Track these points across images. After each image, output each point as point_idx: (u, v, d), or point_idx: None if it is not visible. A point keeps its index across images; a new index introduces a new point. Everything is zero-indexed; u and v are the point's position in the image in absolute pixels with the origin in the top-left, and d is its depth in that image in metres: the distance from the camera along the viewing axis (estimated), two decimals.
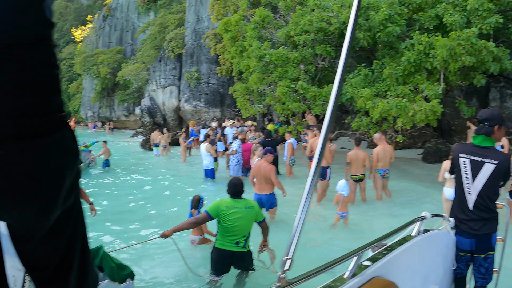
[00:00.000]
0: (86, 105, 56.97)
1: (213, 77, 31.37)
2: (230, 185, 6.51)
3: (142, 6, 49.15)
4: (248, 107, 19.88)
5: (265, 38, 18.36)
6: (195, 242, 8.38)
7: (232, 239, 6.23)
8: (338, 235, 9.46)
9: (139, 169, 20.49)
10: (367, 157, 11.31)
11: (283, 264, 2.01)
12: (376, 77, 14.80)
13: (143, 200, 13.80)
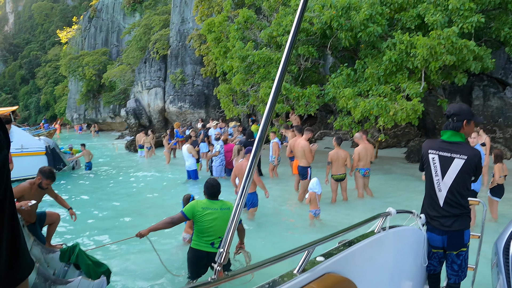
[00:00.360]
0: (72, 107, 56.92)
1: (197, 78, 31.30)
2: (207, 186, 6.43)
3: (127, 7, 49.05)
4: (232, 108, 19.79)
5: (249, 39, 18.31)
6: (186, 239, 8.39)
7: (207, 240, 6.18)
8: (314, 235, 9.42)
9: (122, 171, 20.37)
10: (348, 157, 11.29)
11: (218, 257, 1.98)
12: (359, 76, 14.79)
13: (124, 201, 13.79)
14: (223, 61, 19.56)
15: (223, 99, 20.42)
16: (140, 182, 17.02)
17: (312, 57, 16.28)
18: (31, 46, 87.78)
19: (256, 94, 17.53)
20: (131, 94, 40.04)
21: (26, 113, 76.77)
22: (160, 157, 23.71)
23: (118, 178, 18.46)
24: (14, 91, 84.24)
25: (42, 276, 4.82)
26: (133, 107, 37.05)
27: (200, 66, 30.26)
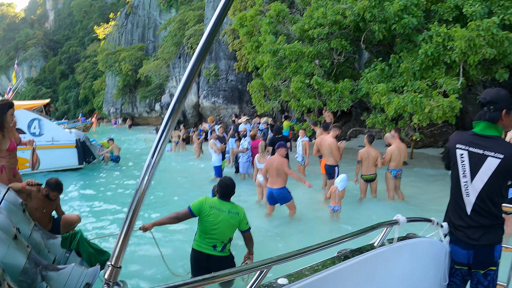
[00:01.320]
0: (109, 101, 58.11)
1: (231, 73, 30.93)
2: (221, 185, 5.99)
3: (163, 3, 49.26)
4: (263, 103, 19.37)
5: (281, 32, 17.82)
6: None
7: (209, 242, 5.79)
8: (329, 234, 9.00)
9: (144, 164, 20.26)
10: (379, 156, 10.61)
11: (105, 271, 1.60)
12: (393, 71, 14.12)
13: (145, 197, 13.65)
14: (255, 56, 19.12)
15: (254, 94, 20.04)
16: (163, 176, 16.94)
17: (345, 51, 15.72)
18: (71, 42, 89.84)
19: (287, 89, 17.07)
20: (166, 89, 40.13)
21: (65, 107, 78.91)
22: (189, 151, 23.84)
23: (138, 171, 18.48)
24: (54, 85, 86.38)
25: (33, 261, 4.68)
26: (168, 102, 37.19)
27: (233, 61, 29.89)
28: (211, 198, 6.00)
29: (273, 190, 9.70)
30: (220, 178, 6.20)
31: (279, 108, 20.89)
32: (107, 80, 58.89)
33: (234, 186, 6.04)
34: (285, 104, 20.80)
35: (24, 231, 5.28)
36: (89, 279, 4.77)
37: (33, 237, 5.51)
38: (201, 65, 1.20)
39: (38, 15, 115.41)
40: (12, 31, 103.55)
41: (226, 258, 5.92)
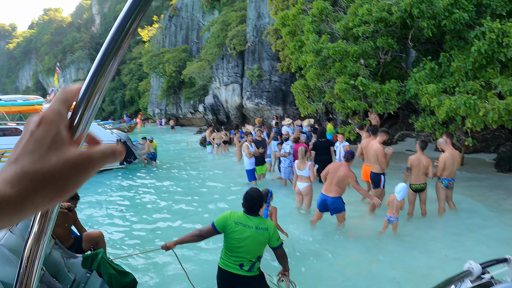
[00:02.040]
0: (153, 102, 58.91)
1: (275, 74, 30.40)
2: (246, 198, 5.38)
3: (206, 5, 49.35)
4: (307, 105, 18.78)
5: (324, 31, 17.19)
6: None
7: (235, 260, 5.22)
8: (383, 247, 8.42)
9: (188, 166, 20.95)
10: (431, 164, 9.80)
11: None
12: (444, 71, 13.35)
13: (177, 197, 14.01)
14: (298, 56, 18.54)
15: (298, 96, 19.45)
16: (200, 179, 16.86)
17: (391, 50, 15.02)
18: None
19: (331, 90, 16.47)
20: (210, 90, 40.02)
21: (112, 108, 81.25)
22: (231, 153, 23.50)
23: (180, 174, 18.78)
24: None
25: (46, 284, 4.48)
26: (211, 103, 37.06)
27: (277, 61, 29.38)
28: (236, 212, 5.38)
29: (327, 198, 9.24)
30: (246, 191, 5.55)
31: (323, 110, 20.27)
32: (152, 82, 59.72)
33: (261, 198, 5.43)
34: (330, 106, 20.18)
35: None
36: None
37: (52, 256, 5.39)
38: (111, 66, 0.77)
39: (84, 19, 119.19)
40: (59, 35, 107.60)
41: (255, 278, 5.33)
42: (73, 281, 5.48)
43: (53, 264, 5.39)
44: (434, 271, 7.13)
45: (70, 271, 5.57)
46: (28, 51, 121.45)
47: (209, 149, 24.99)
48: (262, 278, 5.47)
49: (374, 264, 7.65)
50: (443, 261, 7.50)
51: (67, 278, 5.44)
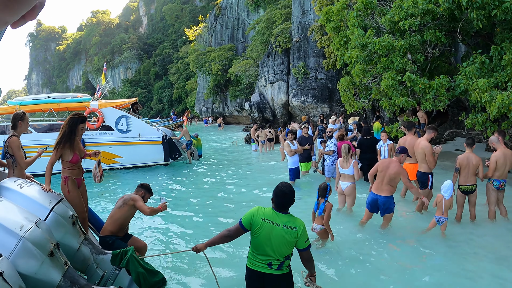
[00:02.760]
0: (200, 100, 60.20)
1: (320, 71, 29.99)
2: (277, 193, 5.01)
3: (251, 4, 49.69)
4: (353, 102, 18.35)
5: (370, 26, 16.73)
6: (316, 230, 8.13)
7: (263, 259, 4.92)
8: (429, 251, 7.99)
9: (232, 164, 21.06)
10: (481, 164, 9.14)
11: None
12: (495, 65, 12.72)
13: (218, 193, 14.00)
14: (343, 52, 18.13)
15: (344, 93, 19.03)
16: (242, 176, 16.87)
17: (440, 43, 14.47)
18: (164, 45, 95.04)
19: (378, 87, 16.03)
20: (256, 88, 40.02)
21: (159, 106, 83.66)
22: (276, 152, 23.41)
23: (223, 171, 18.77)
24: (149, 86, 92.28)
25: (70, 279, 4.55)
26: (257, 101, 37.03)
27: (322, 58, 29.00)
28: (264, 208, 5.07)
29: (379, 197, 8.79)
30: (277, 186, 5.18)
31: (369, 108, 19.82)
32: (199, 80, 60.79)
33: (293, 194, 5.04)
34: (376, 104, 19.69)
35: (71, 245, 5.33)
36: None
37: (81, 251, 5.47)
38: None
39: (132, 21, 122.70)
40: (108, 36, 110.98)
41: (285, 277, 5.02)
42: (102, 277, 5.51)
43: (82, 259, 5.46)
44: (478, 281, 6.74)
45: (99, 267, 5.60)
46: (78, 52, 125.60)
47: (253, 146, 25.04)
48: (290, 277, 5.15)
49: (418, 269, 7.26)
50: (491, 275, 7.01)
51: (95, 274, 5.49)
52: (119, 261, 5.45)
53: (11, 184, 5.46)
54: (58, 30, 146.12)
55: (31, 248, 4.19)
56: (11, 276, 3.54)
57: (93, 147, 18.24)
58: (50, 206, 5.28)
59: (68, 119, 6.33)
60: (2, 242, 4.11)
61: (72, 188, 6.33)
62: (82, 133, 6.53)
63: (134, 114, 21.32)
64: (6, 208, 4.52)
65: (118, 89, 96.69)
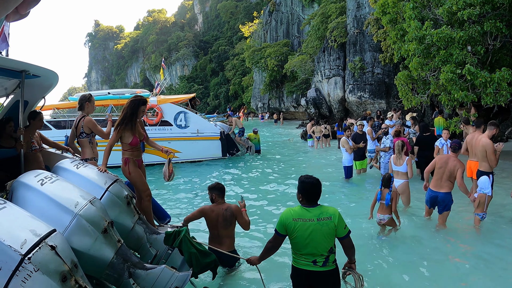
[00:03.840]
0: (256, 96, 60.87)
1: (377, 66, 29.39)
2: (306, 186, 4.85)
3: None
4: (410, 97, 17.86)
5: (427, 17, 16.17)
6: (384, 221, 8.21)
7: (307, 258, 4.75)
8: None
9: (288, 158, 21.37)
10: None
11: None
12: None
13: (271, 188, 13.93)
14: (400, 45, 17.63)
15: (401, 88, 18.53)
16: (297, 172, 16.42)
17: (501, 34, 13.84)
18: (219, 42, 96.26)
19: (437, 81, 15.50)
20: (312, 84, 39.69)
21: (216, 102, 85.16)
22: (333, 148, 23.46)
23: (278, 166, 18.92)
24: (205, 82, 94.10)
25: (122, 257, 4.63)
26: (313, 96, 36.73)
27: (379, 52, 28.30)
28: (293, 209, 4.89)
29: (439, 194, 8.56)
30: (300, 176, 5.03)
31: (427, 103, 19.22)
32: (255, 76, 61.32)
33: (320, 184, 4.90)
34: (435, 99, 19.06)
35: (125, 224, 5.44)
36: (179, 283, 4.62)
37: (135, 231, 5.58)
38: None
39: (187, 19, 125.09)
40: (164, 34, 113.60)
41: (331, 273, 4.82)
42: (154, 256, 5.61)
43: (136, 238, 5.57)
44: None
45: (152, 247, 5.70)
46: (135, 50, 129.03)
47: (309, 142, 25.05)
48: (338, 273, 4.98)
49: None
50: None
51: (148, 253, 5.60)
52: (172, 241, 5.47)
53: (68, 165, 5.67)
54: (115, 29, 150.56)
55: (85, 225, 4.32)
56: (64, 250, 3.59)
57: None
58: (105, 186, 5.43)
59: (129, 101, 6.50)
60: (57, 218, 4.21)
61: (133, 169, 6.49)
62: (143, 115, 6.65)
63: (192, 110, 21.80)
64: (62, 187, 4.64)
65: (175, 86, 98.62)
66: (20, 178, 4.69)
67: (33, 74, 6.31)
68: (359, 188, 13.44)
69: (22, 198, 4.43)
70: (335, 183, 14.12)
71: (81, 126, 6.85)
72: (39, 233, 3.48)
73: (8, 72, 5.90)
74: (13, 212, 3.65)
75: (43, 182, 4.56)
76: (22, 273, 3.14)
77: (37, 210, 4.12)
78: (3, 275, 3.10)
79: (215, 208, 6.71)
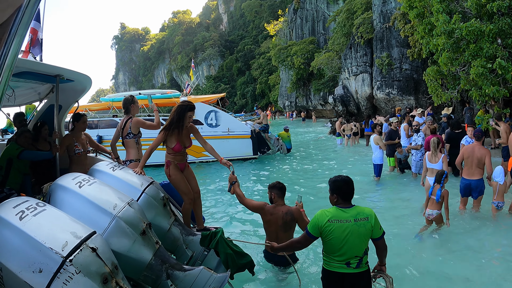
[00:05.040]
0: (283, 95, 61.13)
1: (405, 62, 28.84)
2: (340, 185, 4.78)
3: None
4: (440, 93, 17.50)
5: (455, 11, 15.77)
6: (432, 216, 8.37)
7: (340, 260, 4.65)
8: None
9: (318, 156, 21.63)
10: None
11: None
12: None
13: (302, 188, 13.84)
14: (428, 40, 17.24)
15: (430, 83, 18.19)
16: (327, 170, 16.83)
17: None
18: (245, 41, 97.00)
19: (467, 76, 15.11)
20: (339, 81, 39.53)
21: (243, 101, 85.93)
22: (362, 146, 23.71)
23: (308, 164, 19.14)
24: (232, 81, 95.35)
25: (160, 258, 4.70)
26: (341, 94, 36.53)
27: (406, 48, 27.80)
28: (327, 210, 4.78)
29: (471, 181, 9.25)
30: (333, 177, 4.96)
31: (458, 99, 18.80)
32: (281, 75, 61.54)
33: (353, 183, 4.82)
34: (465, 94, 18.63)
35: (162, 225, 5.53)
36: (217, 285, 4.63)
37: (171, 232, 5.67)
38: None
39: (212, 19, 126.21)
40: (189, 35, 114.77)
41: (364, 275, 4.73)
42: (190, 257, 5.67)
43: (172, 240, 5.67)
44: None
45: (188, 248, 5.79)
46: (162, 51, 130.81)
47: (338, 140, 25.30)
48: (369, 275, 4.88)
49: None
50: None
51: (184, 255, 5.68)
52: (208, 242, 5.51)
53: (104, 167, 5.78)
54: (141, 31, 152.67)
55: (124, 227, 4.40)
56: (105, 252, 3.65)
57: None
58: (142, 188, 5.53)
59: (176, 107, 6.55)
60: (96, 220, 4.29)
61: (174, 172, 6.53)
62: (190, 120, 6.63)
63: (223, 109, 22.24)
64: (100, 189, 4.72)
65: (202, 86, 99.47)
66: (57, 181, 4.75)
67: (67, 79, 6.49)
68: (391, 187, 13.25)
69: (60, 200, 4.50)
70: (363, 180, 14.00)
71: (128, 126, 7.07)
72: (79, 235, 3.54)
73: (43, 77, 6.03)
74: (53, 215, 3.72)
75: (81, 184, 4.65)
76: (63, 275, 3.20)
77: (75, 213, 4.18)
78: (45, 277, 3.15)
79: (274, 211, 6.51)
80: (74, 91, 7.38)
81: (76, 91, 7.42)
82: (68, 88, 7.07)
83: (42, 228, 3.42)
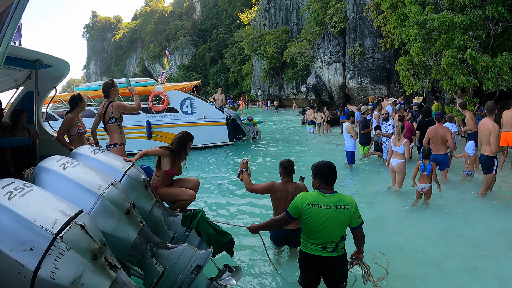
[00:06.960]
0: (256, 84, 60.77)
1: (378, 52, 29.14)
2: (323, 169, 4.93)
3: None
4: (411, 83, 17.85)
5: (428, 2, 16.09)
6: (424, 189, 9.25)
7: (317, 243, 4.81)
8: None
9: (289, 144, 21.56)
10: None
11: None
12: None
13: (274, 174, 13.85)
14: (401, 30, 17.56)
15: (402, 73, 18.53)
16: (297, 157, 16.89)
17: (502, 19, 13.80)
18: (218, 30, 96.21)
19: (438, 66, 15.47)
20: (312, 70, 39.57)
21: (216, 91, 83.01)
22: (334, 134, 23.87)
23: (279, 151, 19.24)
24: (205, 71, 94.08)
25: (144, 237, 4.79)
26: (314, 83, 36.61)
27: (379, 38, 28.12)
28: (310, 193, 4.91)
29: (438, 156, 10.61)
30: (317, 161, 5.10)
31: (429, 88, 19.19)
32: (254, 64, 61.11)
33: (335, 169, 4.98)
34: (436, 84, 19.01)
35: (144, 207, 5.53)
36: (200, 261, 4.70)
37: (153, 213, 5.69)
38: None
39: (185, 8, 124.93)
40: (162, 24, 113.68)
41: (339, 259, 4.89)
42: (172, 238, 5.72)
43: (154, 221, 5.67)
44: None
45: (170, 229, 5.82)
46: (134, 40, 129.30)
47: (310, 128, 25.38)
48: (345, 259, 5.05)
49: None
50: None
51: (166, 235, 5.70)
52: (189, 222, 5.63)
53: (85, 151, 5.77)
54: (113, 20, 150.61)
55: (109, 206, 4.43)
56: (93, 229, 3.71)
57: (158, 128, 19.91)
58: (123, 170, 5.55)
59: (178, 138, 6.83)
60: (82, 201, 4.29)
61: (161, 191, 6.68)
62: (189, 150, 6.97)
63: (199, 96, 22.17)
64: (83, 171, 4.74)
65: (174, 75, 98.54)
66: (41, 163, 4.76)
67: (45, 64, 6.41)
68: (363, 173, 13.55)
69: (45, 182, 4.51)
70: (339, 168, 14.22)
71: (110, 111, 7.12)
72: (68, 214, 3.56)
73: (22, 62, 6.02)
74: (40, 194, 3.73)
75: (65, 166, 4.66)
76: (54, 252, 3.23)
77: (61, 194, 4.12)
78: (36, 255, 3.17)
79: (284, 187, 6.59)
80: (52, 77, 7.34)
81: (54, 77, 7.39)
82: (46, 74, 7.02)
83: (31, 207, 3.45)
